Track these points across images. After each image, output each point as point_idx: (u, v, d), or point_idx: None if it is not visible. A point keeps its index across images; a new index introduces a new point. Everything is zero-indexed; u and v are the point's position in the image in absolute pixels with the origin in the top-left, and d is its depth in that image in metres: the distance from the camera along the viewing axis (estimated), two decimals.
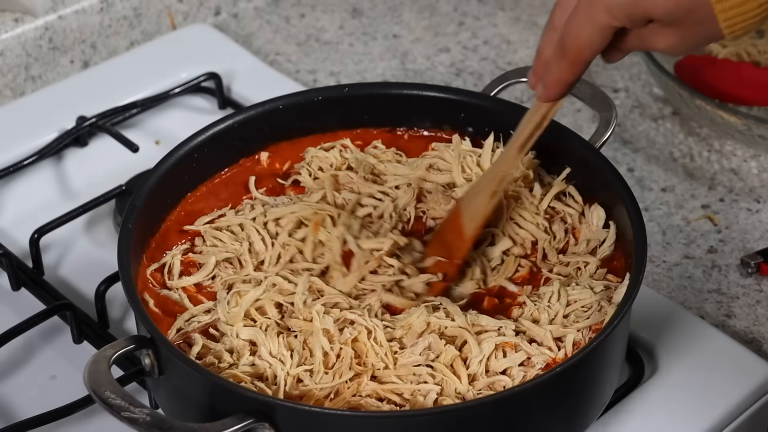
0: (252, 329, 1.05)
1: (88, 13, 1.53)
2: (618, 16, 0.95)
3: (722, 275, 1.29)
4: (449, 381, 1.01)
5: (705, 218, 1.35)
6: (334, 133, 1.23)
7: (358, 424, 0.96)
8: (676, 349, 1.17)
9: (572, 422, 1.04)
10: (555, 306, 1.06)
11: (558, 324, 1.05)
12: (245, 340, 1.04)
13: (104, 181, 1.36)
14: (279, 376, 1.01)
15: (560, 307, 1.06)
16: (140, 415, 0.94)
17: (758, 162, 1.42)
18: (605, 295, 1.07)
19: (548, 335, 1.04)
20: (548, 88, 1.03)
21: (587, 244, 1.12)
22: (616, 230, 1.12)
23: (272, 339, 1.03)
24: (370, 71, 1.56)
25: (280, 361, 1.02)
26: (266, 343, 1.03)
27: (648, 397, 1.13)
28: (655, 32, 0.96)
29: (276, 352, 1.03)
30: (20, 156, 1.38)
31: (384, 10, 1.67)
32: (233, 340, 1.04)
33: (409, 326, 1.04)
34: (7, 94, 1.50)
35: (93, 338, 1.19)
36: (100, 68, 1.52)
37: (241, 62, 1.52)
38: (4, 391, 1.16)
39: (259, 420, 0.95)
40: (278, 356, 1.03)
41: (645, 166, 1.42)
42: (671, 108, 1.49)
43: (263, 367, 1.02)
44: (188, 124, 1.32)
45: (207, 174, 1.19)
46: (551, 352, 1.03)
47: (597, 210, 1.14)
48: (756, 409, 1.14)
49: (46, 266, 1.28)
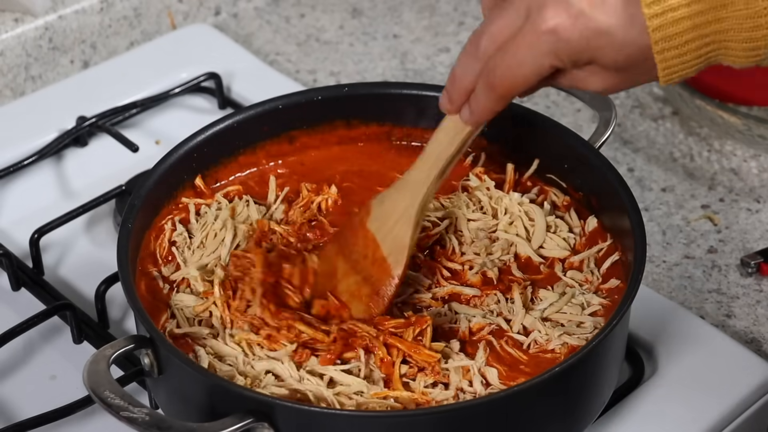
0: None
1: (88, 13, 1.53)
2: (563, 59, 0.92)
3: (722, 275, 1.29)
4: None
5: (705, 218, 1.35)
6: (334, 133, 1.23)
7: (357, 423, 0.96)
8: (676, 349, 1.17)
9: (571, 422, 1.04)
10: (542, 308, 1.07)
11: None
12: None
13: (104, 181, 1.36)
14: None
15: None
16: (139, 415, 0.94)
17: (758, 162, 1.42)
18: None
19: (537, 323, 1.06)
20: (476, 115, 0.99)
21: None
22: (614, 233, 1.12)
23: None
24: (370, 71, 1.56)
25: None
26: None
27: (648, 397, 1.13)
28: (592, 74, 0.94)
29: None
30: (20, 156, 1.38)
31: (384, 10, 1.67)
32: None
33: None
34: (7, 94, 1.50)
35: (93, 338, 1.19)
36: (100, 68, 1.52)
37: (241, 62, 1.52)
38: (4, 391, 1.16)
39: (259, 420, 0.95)
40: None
41: (645, 166, 1.42)
42: (671, 108, 1.49)
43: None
44: (188, 124, 1.32)
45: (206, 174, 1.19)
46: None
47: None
48: (756, 409, 1.14)
49: (46, 266, 1.28)
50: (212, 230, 1.13)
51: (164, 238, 1.13)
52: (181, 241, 1.13)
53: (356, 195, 1.19)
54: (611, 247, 1.12)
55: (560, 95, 1.51)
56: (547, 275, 1.11)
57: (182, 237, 1.13)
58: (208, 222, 1.14)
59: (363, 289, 1.07)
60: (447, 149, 1.03)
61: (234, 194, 1.18)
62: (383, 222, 1.07)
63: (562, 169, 1.17)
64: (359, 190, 1.19)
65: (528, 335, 1.06)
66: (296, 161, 1.22)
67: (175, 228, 1.14)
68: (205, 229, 1.13)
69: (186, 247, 1.13)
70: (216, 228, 1.13)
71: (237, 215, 1.15)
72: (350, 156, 1.23)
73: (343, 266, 1.08)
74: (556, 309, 1.07)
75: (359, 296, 1.06)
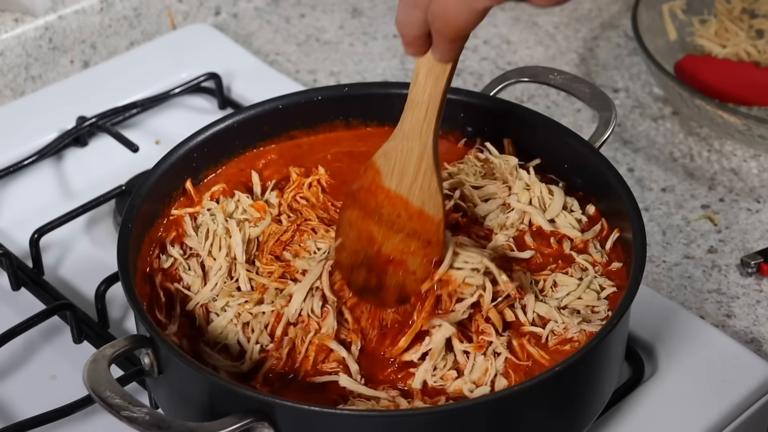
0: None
1: (88, 13, 1.53)
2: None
3: (722, 275, 1.29)
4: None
5: (705, 218, 1.35)
6: (334, 133, 1.23)
7: (357, 423, 0.96)
8: (676, 349, 1.17)
9: (571, 422, 1.04)
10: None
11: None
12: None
13: (104, 181, 1.36)
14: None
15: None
16: (139, 415, 0.94)
17: (758, 162, 1.42)
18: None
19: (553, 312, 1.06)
20: (446, 52, 0.98)
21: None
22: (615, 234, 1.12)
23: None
24: (370, 71, 1.56)
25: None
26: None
27: (648, 397, 1.13)
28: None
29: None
30: (20, 156, 1.39)
31: (384, 10, 1.67)
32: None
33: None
34: (7, 94, 1.50)
35: (93, 338, 1.19)
36: (100, 68, 1.52)
37: (241, 62, 1.52)
38: (4, 391, 1.16)
39: (258, 419, 0.95)
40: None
41: (645, 166, 1.42)
42: (671, 108, 1.49)
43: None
44: (188, 124, 1.32)
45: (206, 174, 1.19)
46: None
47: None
48: (756, 409, 1.14)
49: (46, 266, 1.28)
50: (216, 238, 1.12)
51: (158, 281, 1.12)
52: (182, 268, 1.12)
53: (347, 175, 1.18)
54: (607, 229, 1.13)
55: (560, 95, 1.51)
56: (557, 252, 1.11)
57: (181, 265, 1.12)
58: (210, 230, 1.12)
59: (412, 244, 1.06)
60: (436, 88, 1.02)
61: (219, 194, 1.17)
62: (401, 177, 1.06)
63: (562, 169, 1.17)
64: (349, 171, 1.19)
65: (545, 326, 1.05)
66: (278, 149, 1.21)
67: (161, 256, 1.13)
68: (209, 239, 1.12)
69: (193, 269, 1.12)
70: (220, 233, 1.12)
71: (234, 212, 1.15)
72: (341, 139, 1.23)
73: (378, 229, 1.07)
74: (576, 296, 1.07)
75: (410, 252, 1.06)
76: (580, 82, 1.22)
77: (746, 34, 1.53)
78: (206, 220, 1.13)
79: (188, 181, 1.16)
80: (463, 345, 1.03)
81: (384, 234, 1.07)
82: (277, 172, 1.19)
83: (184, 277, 1.10)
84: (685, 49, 1.53)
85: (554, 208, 1.14)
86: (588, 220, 1.14)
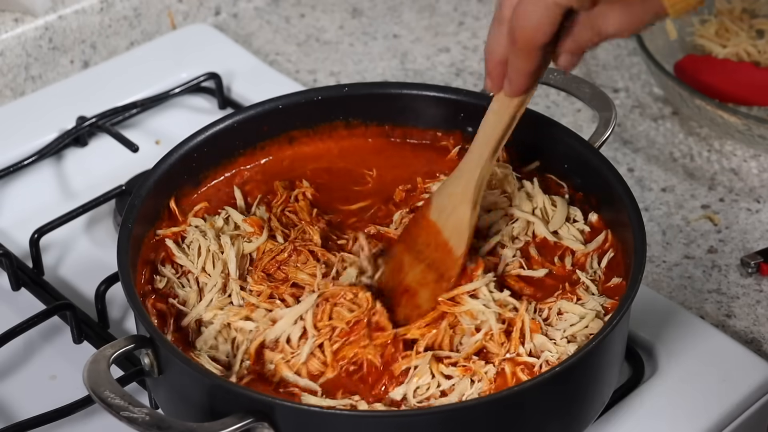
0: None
1: (88, 13, 1.53)
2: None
3: (722, 275, 1.29)
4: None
5: (705, 218, 1.35)
6: (334, 133, 1.23)
7: (357, 423, 0.96)
8: (676, 349, 1.17)
9: (571, 422, 1.04)
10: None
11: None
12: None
13: (104, 181, 1.36)
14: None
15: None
16: (139, 415, 0.94)
17: (758, 162, 1.42)
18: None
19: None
20: (513, 83, 1.00)
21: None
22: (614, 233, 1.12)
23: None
24: (370, 71, 1.56)
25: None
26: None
27: (648, 397, 1.13)
28: (604, 15, 0.95)
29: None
30: (20, 156, 1.39)
31: (384, 10, 1.67)
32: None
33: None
34: (7, 94, 1.50)
35: (93, 338, 1.19)
36: (100, 68, 1.53)
37: (241, 62, 1.52)
38: (4, 391, 1.16)
39: (258, 419, 0.95)
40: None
41: (645, 166, 1.42)
42: (671, 108, 1.49)
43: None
44: (188, 124, 1.32)
45: (206, 174, 1.19)
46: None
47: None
48: (756, 409, 1.14)
49: (46, 266, 1.28)
50: (209, 254, 1.11)
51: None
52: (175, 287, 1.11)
53: (333, 191, 1.19)
54: (610, 242, 1.12)
55: (560, 95, 1.51)
56: (561, 272, 1.11)
57: (175, 283, 1.11)
58: (202, 246, 1.11)
59: (428, 276, 1.08)
60: (496, 127, 1.05)
61: (203, 212, 1.16)
62: (442, 209, 1.08)
63: (562, 169, 1.17)
64: (332, 187, 1.19)
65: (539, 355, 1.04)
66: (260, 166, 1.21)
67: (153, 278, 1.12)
68: (202, 255, 1.11)
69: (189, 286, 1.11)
70: (213, 249, 1.11)
71: (223, 227, 1.14)
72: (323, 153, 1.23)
73: (408, 259, 1.09)
74: (582, 326, 1.05)
75: (425, 283, 1.07)
76: (580, 82, 1.22)
77: (746, 34, 1.53)
78: (197, 237, 1.12)
79: (171, 200, 1.15)
80: (448, 369, 1.03)
81: (410, 263, 1.09)
82: (257, 189, 1.19)
83: (179, 293, 1.09)
84: (685, 49, 1.53)
85: (557, 220, 1.14)
86: (591, 230, 1.13)
